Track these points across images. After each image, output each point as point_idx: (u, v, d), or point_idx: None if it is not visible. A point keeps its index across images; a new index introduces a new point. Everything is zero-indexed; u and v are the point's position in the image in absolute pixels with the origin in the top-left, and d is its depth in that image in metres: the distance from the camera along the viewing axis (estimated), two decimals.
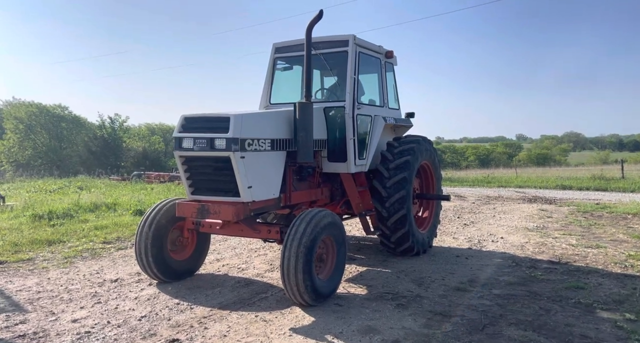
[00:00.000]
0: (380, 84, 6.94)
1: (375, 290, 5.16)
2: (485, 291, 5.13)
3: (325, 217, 4.74)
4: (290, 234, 4.50)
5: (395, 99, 7.39)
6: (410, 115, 7.58)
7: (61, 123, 43.05)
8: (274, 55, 6.68)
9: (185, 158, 4.89)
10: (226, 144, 4.55)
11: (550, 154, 61.66)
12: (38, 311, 4.44)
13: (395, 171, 6.27)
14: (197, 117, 4.83)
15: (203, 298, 4.86)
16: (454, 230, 8.75)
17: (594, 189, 17.30)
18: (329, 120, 6.07)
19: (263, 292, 5.10)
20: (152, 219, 5.19)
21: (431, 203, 7.43)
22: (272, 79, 6.76)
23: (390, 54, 6.96)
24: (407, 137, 7.00)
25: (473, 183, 20.55)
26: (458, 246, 7.46)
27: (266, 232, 5.08)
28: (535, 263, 6.29)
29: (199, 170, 4.91)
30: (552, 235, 8.13)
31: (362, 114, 6.24)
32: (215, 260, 6.50)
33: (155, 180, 21.41)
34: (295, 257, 4.37)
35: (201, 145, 4.69)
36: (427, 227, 7.13)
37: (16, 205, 11.17)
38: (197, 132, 4.73)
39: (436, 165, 7.39)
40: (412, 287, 5.30)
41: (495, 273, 5.86)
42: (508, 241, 7.74)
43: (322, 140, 5.96)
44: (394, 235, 6.32)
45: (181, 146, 4.81)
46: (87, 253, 6.84)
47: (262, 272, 5.87)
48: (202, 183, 4.96)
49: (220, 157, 4.63)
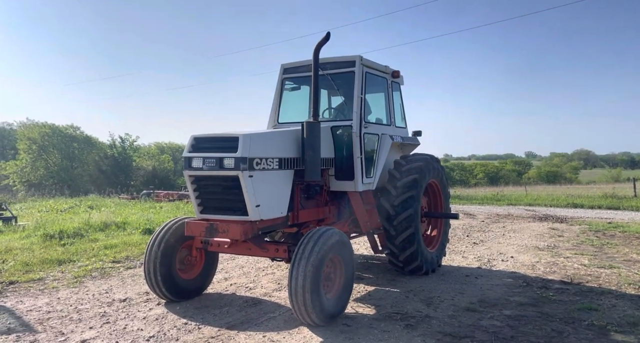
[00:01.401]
0: (387, 103, 7.01)
1: (384, 310, 5.11)
2: (496, 312, 5.06)
3: (333, 235, 4.74)
4: (298, 253, 4.51)
5: (402, 117, 7.45)
6: (417, 133, 7.63)
7: (73, 143, 43.69)
8: (282, 76, 6.81)
9: (194, 177, 4.96)
10: (235, 163, 4.62)
11: (560, 171, 60.94)
12: (48, 331, 4.46)
13: (403, 189, 6.28)
14: (206, 137, 4.91)
15: (211, 318, 4.85)
16: (463, 249, 8.67)
17: (605, 208, 17.04)
18: (336, 139, 6.13)
19: (271, 311, 5.08)
20: (161, 238, 5.24)
21: (440, 222, 7.39)
22: (281, 98, 6.87)
23: (396, 73, 7.06)
24: (415, 155, 7.03)
25: (482, 201, 20.37)
26: (467, 265, 7.37)
27: (274, 251, 5.09)
28: (546, 283, 6.19)
29: (208, 189, 4.97)
30: (563, 255, 8.01)
31: (370, 132, 6.29)
32: (223, 279, 6.49)
33: (165, 198, 21.56)
34: (303, 276, 4.36)
35: (210, 165, 4.76)
36: (435, 246, 7.08)
37: (28, 225, 11.30)
38: (206, 152, 4.81)
39: (444, 183, 7.38)
40: (421, 307, 5.24)
41: (505, 293, 5.78)
42: (518, 260, 7.64)
43: (330, 158, 6.01)
44: (403, 254, 6.28)
45: (191, 166, 4.88)
46: (97, 272, 6.87)
47: (269, 292, 5.85)
48: (211, 202, 5.00)
49: (228, 176, 4.69)
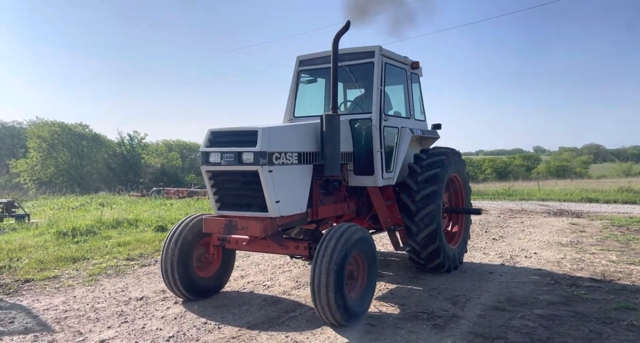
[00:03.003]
0: (407, 95, 6.80)
1: (409, 309, 4.92)
2: (526, 311, 4.85)
3: (355, 232, 4.56)
4: (320, 250, 4.34)
5: (421, 110, 7.23)
6: (437, 126, 7.41)
7: (82, 141, 43.84)
8: (298, 68, 6.61)
9: (212, 173, 4.79)
10: (254, 158, 4.45)
11: (570, 166, 60.19)
12: (65, 331, 4.33)
13: (424, 184, 6.07)
14: (224, 131, 4.74)
15: (230, 317, 4.70)
16: (483, 245, 8.44)
17: (622, 202, 16.72)
18: (355, 133, 5.94)
19: (291, 310, 4.91)
20: (177, 236, 5.09)
21: (461, 218, 7.18)
22: (297, 91, 6.68)
23: (416, 64, 6.83)
24: (435, 149, 6.81)
25: (494, 196, 20.07)
26: (490, 262, 7.16)
27: (294, 248, 4.92)
28: (575, 281, 5.96)
29: (226, 185, 4.80)
30: (588, 251, 7.76)
31: (389, 125, 6.09)
32: (239, 277, 6.34)
33: (175, 195, 21.50)
34: (327, 274, 4.20)
35: (228, 160, 4.59)
36: (457, 242, 6.87)
37: (41, 223, 11.25)
38: (224, 147, 4.64)
39: (465, 178, 7.16)
40: (447, 305, 5.05)
41: (533, 291, 5.56)
42: (542, 257, 7.41)
43: (349, 153, 5.82)
44: (424, 251, 6.08)
45: (208, 161, 4.72)
46: (112, 270, 6.76)
47: (288, 290, 5.69)
48: (230, 198, 4.84)
49: (247, 171, 4.52)
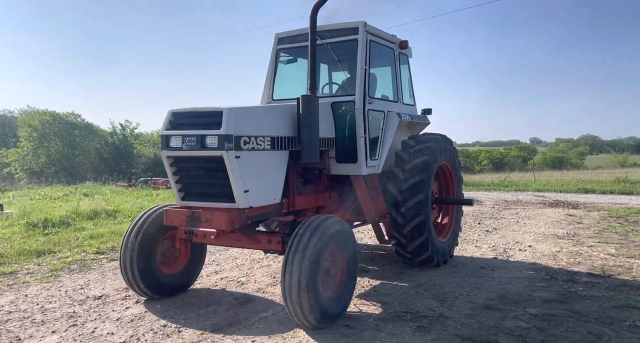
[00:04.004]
0: (394, 78, 6.32)
1: (392, 309, 4.50)
2: (520, 310, 4.44)
3: (332, 224, 4.12)
4: (292, 245, 3.90)
5: (410, 94, 6.76)
6: (427, 111, 6.94)
7: (74, 130, 43.10)
8: (276, 47, 6.11)
9: (173, 159, 4.31)
10: (218, 142, 3.97)
11: (566, 157, 60.08)
12: (2, 336, 3.87)
13: (412, 173, 5.63)
14: (186, 112, 4.26)
15: (194, 318, 4.25)
16: (475, 238, 8.03)
17: (618, 193, 16.39)
18: (337, 117, 5.48)
19: (263, 310, 4.48)
20: (138, 228, 4.62)
21: (451, 209, 6.74)
22: (275, 72, 6.19)
23: (404, 44, 6.34)
24: (425, 135, 6.35)
25: (489, 187, 19.71)
26: (482, 256, 6.75)
27: (266, 242, 4.47)
28: (572, 276, 5.56)
29: (189, 172, 4.32)
30: (586, 243, 7.36)
31: (374, 109, 5.63)
32: (213, 273, 5.90)
33: (162, 186, 21.01)
34: (299, 272, 3.76)
35: (191, 144, 4.12)
36: (447, 235, 6.44)
37: (14, 213, 10.74)
38: (186, 129, 4.16)
39: (456, 166, 6.71)
40: (434, 304, 4.63)
41: (527, 287, 5.16)
42: (537, 250, 7.00)
43: (330, 138, 5.36)
44: (411, 244, 5.66)
45: (169, 145, 4.23)
46: (76, 265, 6.29)
47: (263, 287, 5.25)
48: (194, 187, 4.37)
49: (212, 157, 4.05)
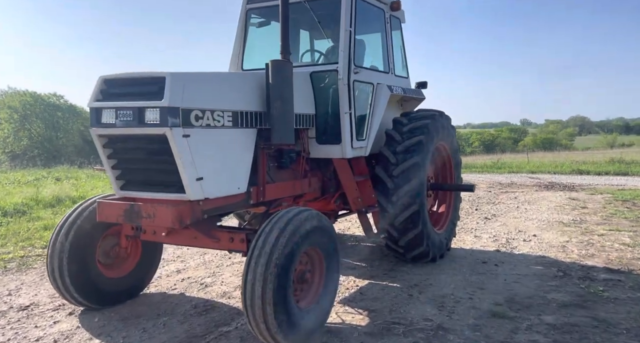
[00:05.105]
0: (385, 45, 5.45)
1: (381, 318, 3.75)
2: (534, 318, 3.71)
3: (307, 220, 3.32)
4: (255, 247, 3.09)
5: (403, 64, 5.90)
6: (422, 85, 6.09)
7: (57, 112, 41.54)
8: (246, 6, 5.18)
9: (107, 138, 3.43)
10: (160, 116, 3.11)
11: (556, 138, 60.14)
12: None
13: (405, 155, 4.83)
14: (120, 78, 3.36)
15: (137, 337, 3.45)
16: (474, 226, 7.29)
17: (613, 173, 15.85)
18: (317, 90, 4.63)
19: (225, 323, 3.69)
20: (70, 225, 3.77)
21: (449, 196, 5.96)
22: (245, 37, 5.28)
23: (396, 4, 5.44)
24: (419, 111, 5.52)
25: (482, 169, 19.09)
26: (482, 247, 6.02)
27: (228, 241, 3.65)
28: (588, 272, 4.85)
29: (128, 155, 3.45)
30: (596, 232, 6.66)
31: (361, 80, 4.78)
32: (174, 272, 5.09)
33: None
34: (262, 281, 2.97)
35: (126, 119, 3.24)
36: (444, 226, 5.67)
37: None
38: (120, 100, 3.28)
39: (455, 147, 5.91)
40: (431, 311, 3.88)
41: (539, 287, 4.44)
42: (544, 240, 6.29)
43: (309, 115, 4.52)
44: (404, 238, 4.89)
45: (100, 121, 3.35)
46: (15, 263, 5.43)
47: (230, 290, 4.46)
48: (134, 173, 3.51)
49: (152, 135, 3.19)
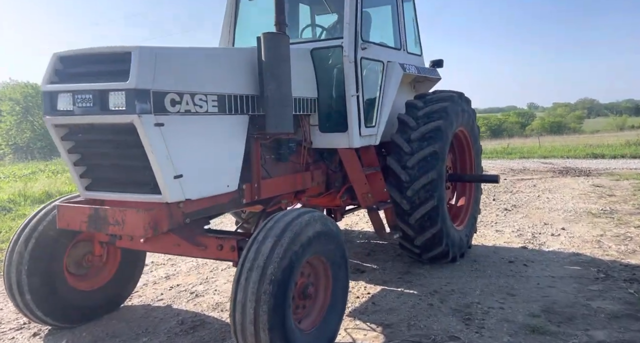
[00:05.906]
0: (396, 19, 4.82)
1: (397, 335, 3.19)
2: (581, 334, 3.14)
3: (310, 224, 2.75)
4: (246, 260, 2.53)
5: (416, 40, 5.28)
6: (438, 63, 5.44)
7: None
8: None
9: (66, 128, 2.85)
10: (127, 101, 2.52)
11: (564, 121, 59.18)
12: None
13: (421, 143, 4.23)
14: (79, 55, 2.76)
15: None
16: (494, 219, 6.68)
17: (630, 157, 15.14)
18: (319, 69, 4.04)
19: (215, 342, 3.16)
20: (30, 231, 3.21)
21: (468, 188, 5.34)
22: (236, 13, 4.67)
23: None
24: (436, 93, 4.88)
25: (491, 154, 18.41)
26: (506, 244, 5.43)
27: (216, 249, 3.08)
28: (634, 273, 4.24)
29: (91, 148, 2.87)
30: (631, 223, 6.03)
31: (370, 57, 4.18)
32: (163, 278, 4.55)
33: None
34: (255, 301, 2.41)
35: (86, 105, 2.65)
36: (464, 221, 5.07)
37: None
38: (78, 82, 2.69)
39: (476, 133, 5.28)
40: (457, 325, 3.32)
41: (579, 292, 3.85)
42: (574, 234, 5.67)
43: (311, 99, 3.93)
44: (421, 237, 4.31)
45: (55, 107, 2.77)
46: None
47: (223, 301, 3.91)
48: (100, 171, 2.93)
49: (118, 124, 2.61)
